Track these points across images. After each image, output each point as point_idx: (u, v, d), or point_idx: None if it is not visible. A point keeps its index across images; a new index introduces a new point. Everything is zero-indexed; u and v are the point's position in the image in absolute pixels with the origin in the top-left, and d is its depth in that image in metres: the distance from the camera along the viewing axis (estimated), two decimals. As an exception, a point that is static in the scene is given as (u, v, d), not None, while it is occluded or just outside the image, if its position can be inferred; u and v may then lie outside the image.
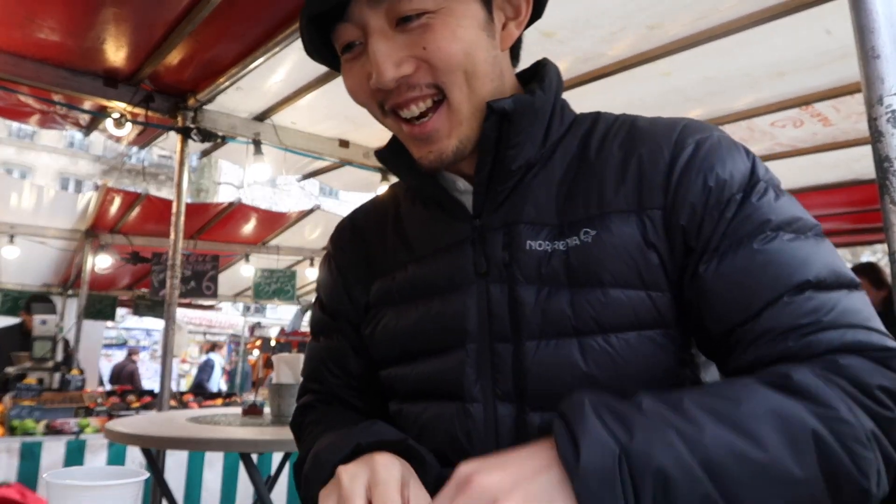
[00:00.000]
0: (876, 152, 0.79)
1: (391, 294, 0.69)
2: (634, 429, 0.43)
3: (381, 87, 0.58)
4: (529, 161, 0.62)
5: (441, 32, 0.57)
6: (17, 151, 22.30)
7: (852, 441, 0.44)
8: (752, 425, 0.44)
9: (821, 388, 0.46)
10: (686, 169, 0.57)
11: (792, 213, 0.55)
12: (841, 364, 0.48)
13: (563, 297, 0.57)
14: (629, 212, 0.57)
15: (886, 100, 0.78)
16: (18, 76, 2.55)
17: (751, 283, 0.53)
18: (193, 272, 5.79)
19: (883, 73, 0.79)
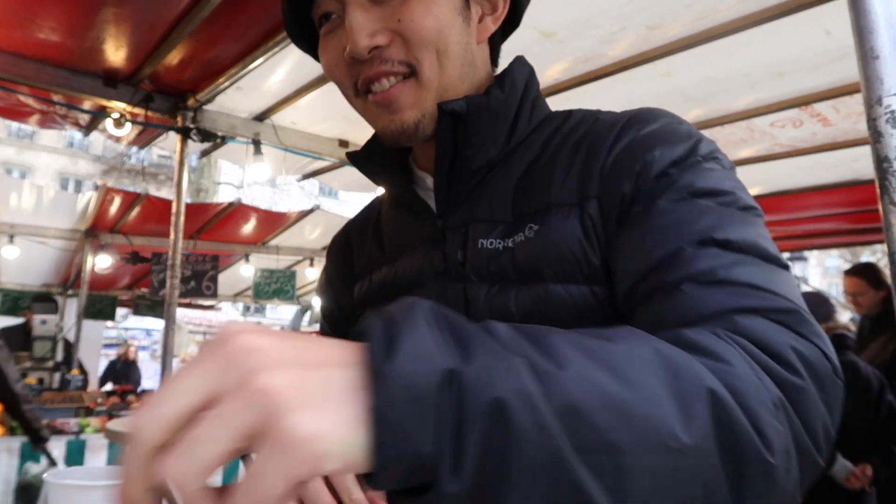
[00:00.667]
0: (875, 153, 0.79)
1: (368, 295, 0.71)
2: (475, 352, 0.31)
3: (355, 56, 0.58)
4: (490, 161, 0.63)
5: (418, 6, 0.57)
6: (16, 151, 22.30)
7: (757, 404, 0.36)
8: (631, 371, 0.33)
9: (718, 345, 0.39)
10: (620, 155, 0.55)
11: (723, 186, 0.51)
12: (740, 323, 0.41)
13: (509, 294, 0.57)
14: (571, 205, 0.56)
15: (886, 100, 0.78)
16: (18, 76, 2.55)
17: (653, 237, 0.49)
18: (193, 272, 5.79)
19: (882, 74, 0.79)
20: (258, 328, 0.30)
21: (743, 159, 3.35)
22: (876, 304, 3.04)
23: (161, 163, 20.50)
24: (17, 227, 5.14)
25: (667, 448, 0.32)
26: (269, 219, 5.82)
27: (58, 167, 22.78)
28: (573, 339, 0.34)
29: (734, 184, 0.52)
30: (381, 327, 0.31)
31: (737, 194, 0.51)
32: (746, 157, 3.33)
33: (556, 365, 0.32)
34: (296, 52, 2.44)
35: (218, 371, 0.28)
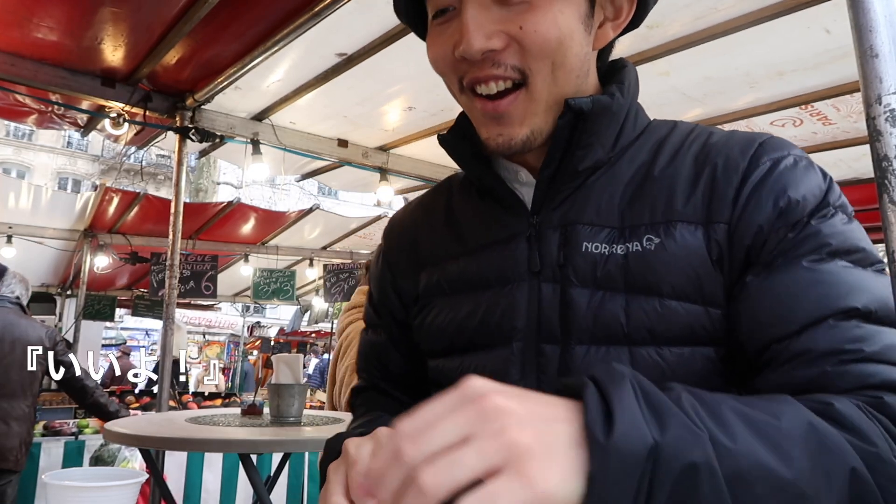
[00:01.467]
0: (874, 151, 0.79)
1: (441, 285, 0.67)
2: (669, 423, 0.36)
3: (467, 57, 0.55)
4: (597, 163, 0.61)
5: (542, 15, 0.55)
6: (14, 151, 22.29)
7: (891, 483, 0.41)
8: (787, 445, 0.39)
9: (863, 422, 0.43)
10: (758, 187, 0.54)
11: (856, 243, 0.53)
12: (885, 402, 0.45)
13: (617, 302, 0.56)
14: (697, 224, 0.55)
15: (885, 99, 0.78)
16: (16, 76, 2.54)
17: (795, 300, 0.50)
18: (192, 272, 5.79)
19: (881, 73, 0.79)
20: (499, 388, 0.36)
21: (742, 158, 3.36)
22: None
23: (160, 162, 20.49)
24: (16, 227, 5.13)
25: None
26: (268, 218, 5.82)
27: (56, 167, 22.77)
28: (742, 411, 0.40)
29: (863, 238, 0.54)
30: (595, 395, 0.37)
31: (868, 251, 0.53)
32: (746, 156, 3.33)
33: (730, 438, 0.37)
34: (295, 52, 2.44)
35: (476, 422, 0.34)
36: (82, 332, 6.39)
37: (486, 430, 0.34)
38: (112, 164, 21.67)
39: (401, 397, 0.75)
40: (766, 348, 0.51)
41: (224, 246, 6.12)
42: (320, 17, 2.10)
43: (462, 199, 0.71)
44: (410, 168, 3.74)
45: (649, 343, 0.55)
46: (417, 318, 0.70)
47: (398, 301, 0.73)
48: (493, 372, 0.59)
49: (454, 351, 0.65)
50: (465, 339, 0.64)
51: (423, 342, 0.70)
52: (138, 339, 14.16)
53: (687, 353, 0.54)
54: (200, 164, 11.19)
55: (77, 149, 22.86)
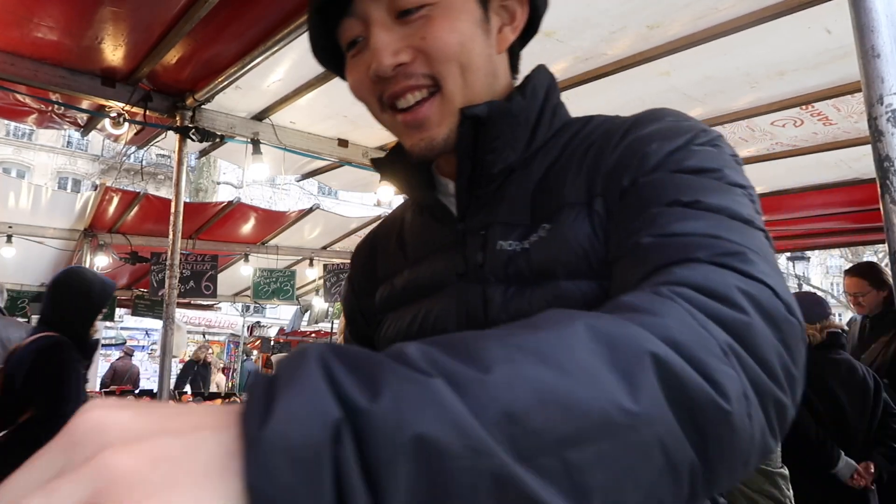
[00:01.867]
0: (876, 151, 0.79)
1: (390, 299, 0.72)
2: (383, 386, 0.27)
3: (379, 74, 0.59)
4: (510, 165, 0.64)
5: (440, 24, 0.59)
6: (14, 150, 22.29)
7: (703, 353, 0.34)
8: (563, 356, 0.30)
9: (656, 302, 0.37)
10: (623, 152, 0.57)
11: (711, 164, 0.51)
12: (679, 273, 0.40)
13: (525, 294, 0.58)
14: (582, 204, 0.58)
15: (886, 99, 0.78)
16: (16, 75, 2.54)
17: (633, 211, 0.51)
18: (192, 272, 5.79)
19: (883, 73, 0.78)
20: (118, 403, 0.26)
21: (743, 158, 3.34)
22: (877, 305, 3.03)
23: (160, 162, 20.49)
24: (15, 226, 5.13)
25: (616, 427, 0.29)
26: (268, 218, 5.81)
27: (56, 166, 22.77)
28: (498, 334, 0.32)
29: (725, 162, 0.52)
30: (263, 384, 0.27)
31: (724, 171, 0.51)
32: (747, 156, 3.32)
33: (481, 370, 0.28)
34: (295, 52, 2.44)
35: (65, 451, 0.25)
36: (82, 332, 6.38)
37: (76, 457, 0.24)
38: (112, 164, 21.66)
39: None
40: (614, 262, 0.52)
41: (224, 246, 6.12)
42: (320, 17, 2.09)
43: (411, 218, 0.77)
44: (410, 168, 3.74)
45: None
46: (376, 334, 0.75)
47: (363, 321, 0.79)
48: None
49: None
50: None
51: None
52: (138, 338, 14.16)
53: None
54: (200, 163, 11.19)
55: (77, 148, 22.86)
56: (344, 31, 0.63)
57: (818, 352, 2.46)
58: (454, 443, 0.26)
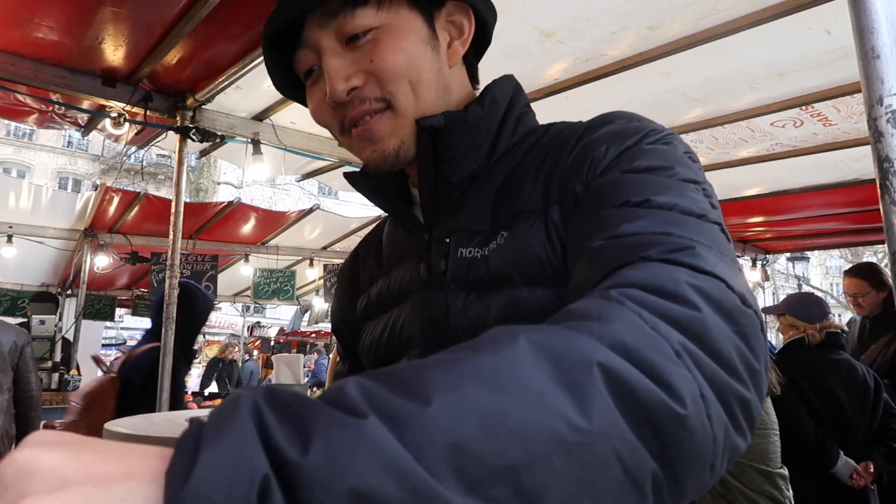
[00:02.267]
0: (876, 152, 0.79)
1: (367, 309, 0.75)
2: (313, 434, 0.25)
3: (335, 99, 0.61)
4: (472, 173, 0.65)
5: (387, 45, 0.60)
6: (15, 150, 22.29)
7: (654, 355, 0.32)
8: (504, 377, 0.29)
9: (602, 306, 0.35)
10: (575, 158, 0.57)
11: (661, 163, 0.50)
12: (626, 275, 0.39)
13: (483, 301, 0.59)
14: (538, 211, 0.58)
15: (886, 100, 0.78)
16: (16, 75, 2.54)
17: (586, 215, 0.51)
18: (193, 272, 5.79)
19: (883, 74, 0.79)
20: (54, 440, 0.25)
21: (743, 159, 3.35)
22: (877, 305, 3.03)
23: (160, 162, 20.49)
24: (16, 226, 5.13)
25: (568, 445, 0.28)
26: (268, 218, 5.82)
27: (56, 166, 22.77)
28: (441, 360, 0.30)
29: (677, 160, 0.51)
30: (192, 433, 0.25)
31: (675, 168, 0.50)
32: (747, 157, 3.32)
33: (421, 401, 0.27)
34: (295, 52, 2.44)
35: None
36: (82, 332, 6.39)
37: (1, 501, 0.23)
38: (112, 164, 21.67)
39: None
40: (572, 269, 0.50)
41: (224, 246, 6.12)
42: (321, 17, 2.09)
43: (387, 229, 0.80)
44: (411, 168, 3.74)
45: None
46: (358, 344, 0.77)
47: (349, 334, 0.80)
48: None
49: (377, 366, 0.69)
50: (382, 354, 0.70)
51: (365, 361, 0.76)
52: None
53: None
54: (201, 163, 11.19)
55: (77, 148, 22.87)
56: (299, 61, 0.65)
57: (818, 352, 2.46)
58: (392, 489, 0.24)
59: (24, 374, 3.10)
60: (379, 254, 0.78)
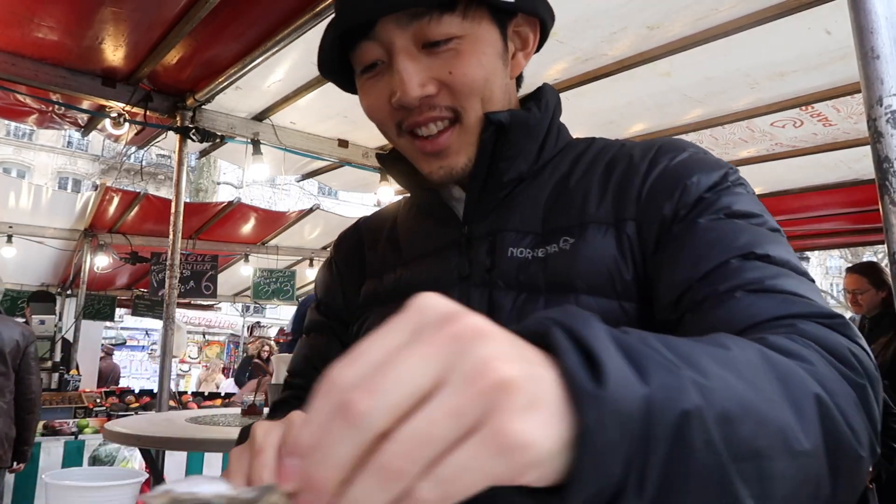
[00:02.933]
0: (875, 153, 0.79)
1: (378, 295, 0.72)
2: (649, 369, 0.30)
3: (405, 105, 0.60)
4: (521, 175, 0.66)
5: (468, 59, 0.60)
6: (15, 150, 22.28)
7: (846, 403, 0.38)
8: (754, 378, 0.34)
9: (802, 349, 0.40)
10: (657, 182, 0.59)
11: (754, 210, 0.56)
12: (802, 328, 0.44)
13: (538, 302, 0.59)
14: (607, 224, 0.60)
15: (886, 100, 0.78)
16: (16, 75, 2.54)
17: (698, 252, 0.54)
18: (192, 272, 5.79)
19: (882, 74, 0.79)
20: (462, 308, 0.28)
21: (743, 159, 3.35)
22: (876, 305, 3.03)
23: (160, 162, 20.48)
24: (16, 226, 5.13)
25: (794, 452, 0.33)
26: (268, 218, 5.82)
27: (56, 166, 22.76)
28: (700, 348, 0.35)
29: (762, 208, 0.57)
30: (565, 338, 0.29)
31: (765, 217, 0.56)
32: (747, 157, 3.32)
33: (703, 376, 0.32)
34: (295, 52, 2.44)
35: (447, 355, 0.25)
36: (82, 332, 6.39)
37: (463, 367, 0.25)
38: (112, 164, 21.67)
39: None
40: (679, 301, 0.53)
41: (224, 246, 6.12)
42: (321, 18, 2.10)
43: (405, 217, 0.77)
44: (411, 168, 3.74)
45: None
46: (355, 327, 0.74)
47: (344, 305, 0.77)
48: None
49: None
50: None
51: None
52: (138, 338, 14.14)
53: None
54: (200, 164, 11.19)
55: (77, 149, 22.86)
56: (362, 52, 0.62)
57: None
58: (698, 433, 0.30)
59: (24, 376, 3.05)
60: (394, 239, 0.75)
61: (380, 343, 0.27)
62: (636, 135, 3.06)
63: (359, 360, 0.26)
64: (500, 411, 0.25)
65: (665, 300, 0.55)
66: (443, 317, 0.27)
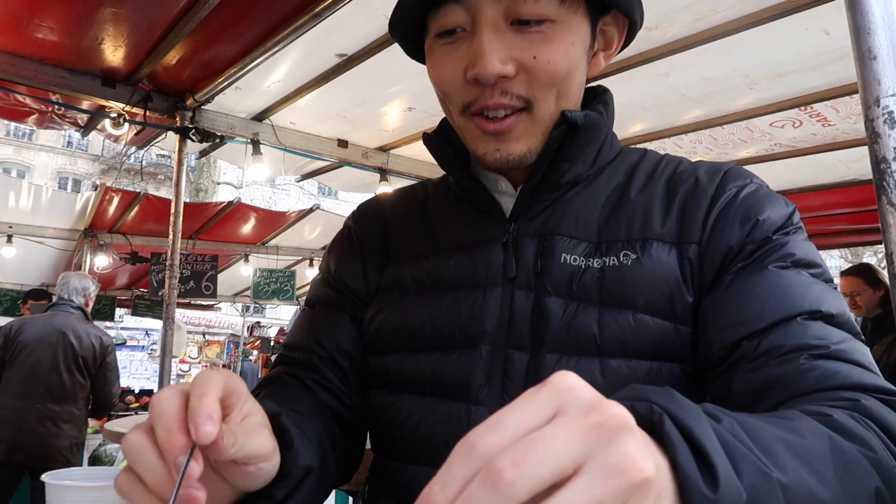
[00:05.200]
0: (873, 153, 0.79)
1: (405, 281, 0.67)
2: (742, 467, 0.32)
3: (481, 80, 0.56)
4: (577, 178, 0.63)
5: (556, 47, 0.56)
6: (14, 150, 22.28)
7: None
8: (822, 467, 0.37)
9: (862, 431, 0.42)
10: (725, 210, 0.58)
11: (815, 259, 0.57)
12: (863, 405, 0.45)
13: (591, 314, 0.57)
14: (671, 244, 0.58)
15: (883, 101, 0.78)
16: (16, 76, 2.54)
17: (763, 300, 0.53)
18: (192, 272, 5.79)
19: (880, 75, 0.79)
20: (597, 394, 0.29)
21: (743, 159, 3.35)
22: (875, 305, 3.03)
23: (160, 162, 20.47)
24: (16, 226, 5.13)
25: None
26: (268, 219, 5.82)
27: (56, 166, 22.76)
28: (777, 434, 0.37)
29: (819, 257, 0.58)
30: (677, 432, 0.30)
31: (824, 268, 0.57)
32: (746, 157, 3.33)
33: (781, 471, 0.34)
34: (295, 53, 2.44)
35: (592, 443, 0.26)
36: (82, 332, 6.38)
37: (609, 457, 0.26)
38: (112, 164, 21.66)
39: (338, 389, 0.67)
40: (737, 346, 0.53)
41: (224, 246, 6.12)
42: (320, 18, 2.10)
43: (438, 201, 0.72)
44: (410, 168, 3.74)
45: (620, 356, 0.56)
46: (372, 311, 0.69)
47: (364, 282, 0.71)
48: (456, 375, 0.60)
49: (411, 349, 0.64)
50: (427, 338, 0.63)
51: (374, 337, 0.68)
52: (138, 338, 14.14)
53: (655, 368, 0.56)
54: (200, 164, 11.19)
55: (77, 149, 22.86)
56: (444, 15, 0.58)
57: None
58: None
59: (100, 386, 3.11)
60: (426, 224, 0.70)
61: (520, 415, 0.27)
62: (635, 135, 3.07)
63: (500, 429, 0.26)
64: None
65: (718, 340, 0.54)
66: (588, 404, 0.27)
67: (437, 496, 0.26)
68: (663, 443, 0.30)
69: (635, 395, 0.33)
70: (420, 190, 0.76)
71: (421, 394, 0.63)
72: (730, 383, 0.53)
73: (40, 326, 3.08)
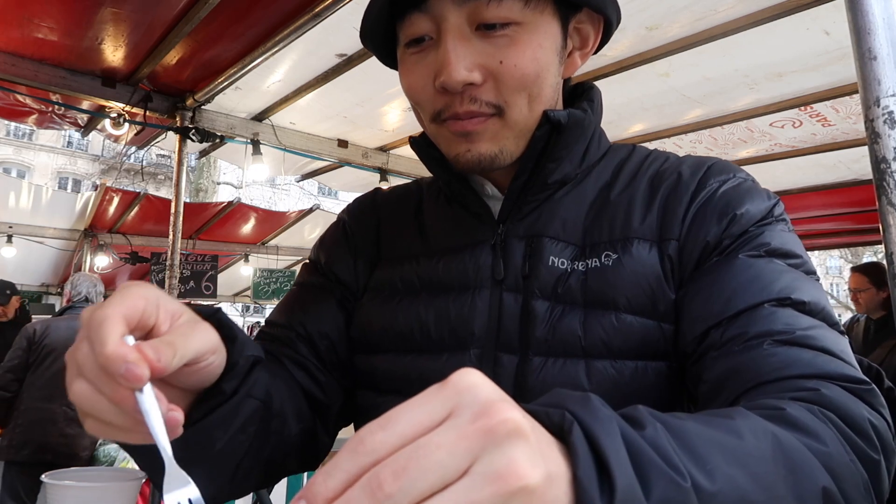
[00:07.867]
0: (873, 154, 0.79)
1: (394, 281, 0.67)
2: (652, 480, 0.31)
3: (448, 88, 0.55)
4: (565, 178, 0.63)
5: (523, 50, 0.55)
6: (15, 150, 22.28)
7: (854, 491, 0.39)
8: (761, 469, 0.35)
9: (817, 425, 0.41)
10: (704, 205, 0.58)
11: (793, 248, 0.56)
12: (823, 394, 0.44)
13: (575, 316, 0.57)
14: (651, 241, 0.58)
15: (883, 101, 0.78)
16: (16, 76, 2.54)
17: (732, 288, 0.52)
18: (192, 272, 5.79)
19: (880, 75, 0.79)
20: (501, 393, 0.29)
21: (743, 159, 3.35)
22: (877, 305, 3.02)
23: (160, 162, 20.48)
24: (16, 226, 5.13)
25: None
26: (268, 218, 5.82)
27: (56, 167, 22.76)
28: (711, 436, 0.36)
29: (801, 248, 0.57)
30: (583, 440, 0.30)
31: (804, 259, 0.56)
32: (746, 157, 3.33)
33: (709, 478, 0.33)
34: (295, 53, 2.44)
35: (478, 449, 0.26)
36: (82, 332, 6.38)
37: (491, 463, 0.26)
38: (112, 164, 21.66)
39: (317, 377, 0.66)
40: (706, 335, 0.52)
41: (224, 246, 6.12)
42: (320, 18, 2.10)
43: (430, 202, 0.72)
44: (410, 168, 3.75)
45: (605, 357, 0.56)
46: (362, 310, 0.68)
47: (353, 275, 0.71)
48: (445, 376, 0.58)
49: (398, 349, 0.64)
50: (415, 339, 0.63)
51: (361, 335, 0.67)
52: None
53: (641, 367, 0.56)
54: (200, 164, 11.19)
55: (77, 149, 22.86)
56: (410, 24, 0.57)
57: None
58: None
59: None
60: (419, 225, 0.70)
61: (414, 415, 0.28)
62: (635, 135, 3.06)
63: (390, 428, 0.27)
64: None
65: (690, 332, 0.54)
66: (481, 407, 0.27)
67: (319, 486, 0.26)
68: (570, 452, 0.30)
69: (553, 402, 0.32)
70: (414, 191, 0.76)
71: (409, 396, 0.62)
72: (700, 374, 0.52)
73: (64, 330, 3.12)
